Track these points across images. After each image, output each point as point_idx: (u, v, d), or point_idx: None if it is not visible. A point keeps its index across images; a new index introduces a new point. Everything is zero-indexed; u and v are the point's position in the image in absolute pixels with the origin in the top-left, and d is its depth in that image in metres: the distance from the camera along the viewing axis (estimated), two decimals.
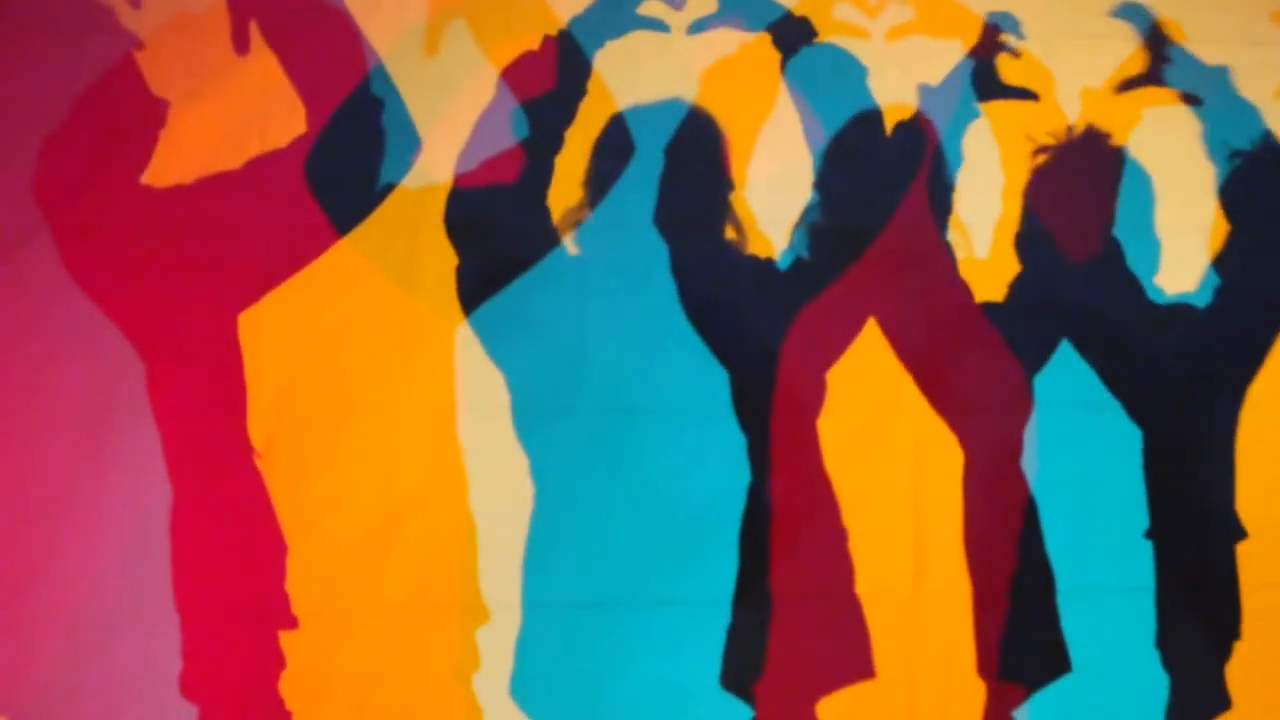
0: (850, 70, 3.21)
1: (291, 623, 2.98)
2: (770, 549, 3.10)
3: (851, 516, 3.15)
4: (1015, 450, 3.19)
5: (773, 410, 3.12)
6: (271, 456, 3.01)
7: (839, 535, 3.13)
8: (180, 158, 3.01)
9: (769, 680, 3.09)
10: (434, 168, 3.09)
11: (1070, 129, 3.26)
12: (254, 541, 2.98)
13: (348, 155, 3.05)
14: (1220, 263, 3.26)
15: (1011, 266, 3.22)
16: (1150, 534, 3.21)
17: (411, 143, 3.08)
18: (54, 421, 2.96)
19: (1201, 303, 3.26)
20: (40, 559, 2.94)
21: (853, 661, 3.12)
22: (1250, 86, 3.29)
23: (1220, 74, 3.29)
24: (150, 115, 3.00)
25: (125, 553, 2.96)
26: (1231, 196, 3.29)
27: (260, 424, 3.00)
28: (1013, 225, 3.23)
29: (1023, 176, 3.24)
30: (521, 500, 3.07)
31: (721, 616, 3.10)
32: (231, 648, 2.97)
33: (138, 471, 2.97)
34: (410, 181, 3.07)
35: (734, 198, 3.16)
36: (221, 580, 2.97)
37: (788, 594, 3.10)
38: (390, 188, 3.06)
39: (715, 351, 3.12)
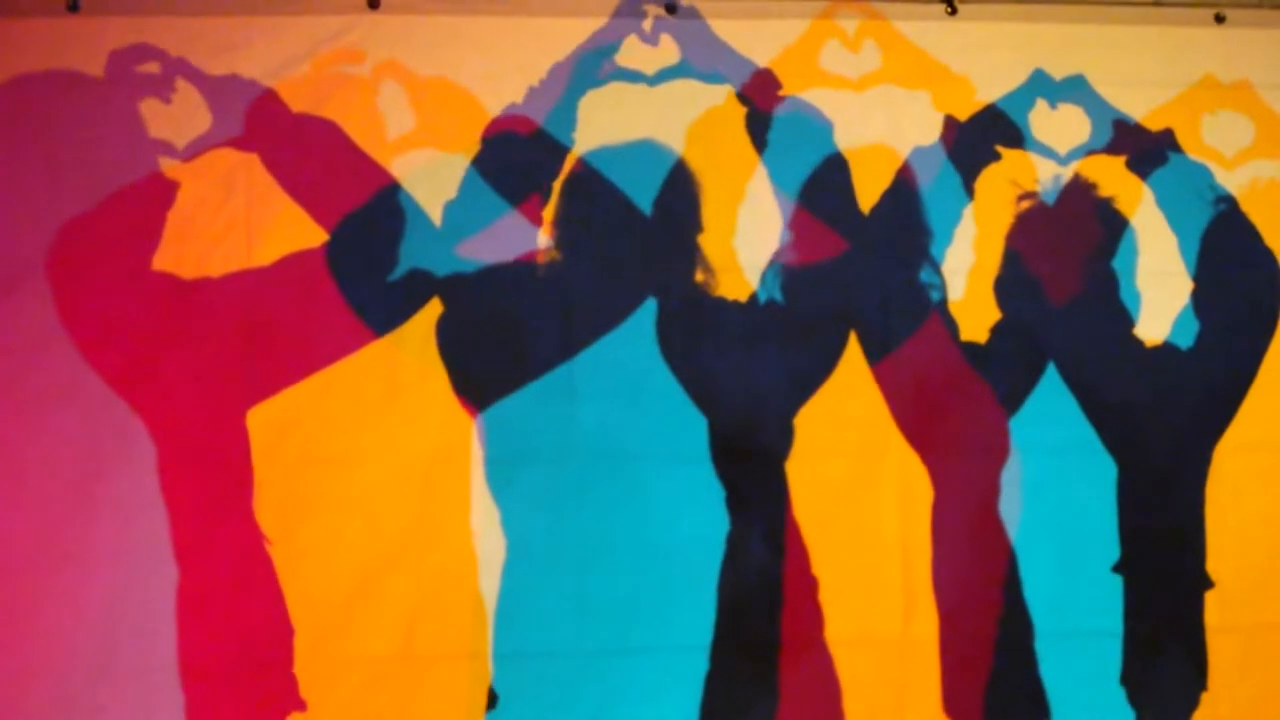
0: (817, 123, 3.23)
1: (299, 705, 2.97)
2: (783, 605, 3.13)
3: (840, 561, 3.15)
4: (991, 493, 3.21)
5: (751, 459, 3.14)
6: (259, 508, 2.99)
7: (809, 583, 3.14)
8: (186, 239, 3.02)
9: None
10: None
11: (1057, 176, 3.30)
12: (263, 624, 2.97)
13: (368, 246, 3.06)
14: (1200, 308, 3.31)
15: (992, 312, 3.25)
16: (1119, 568, 3.25)
17: (428, 229, 3.09)
18: (43, 474, 2.94)
19: (1184, 344, 3.31)
20: (27, 611, 2.92)
21: (823, 711, 3.13)
22: (1196, 146, 3.36)
23: (1166, 136, 3.35)
24: (160, 197, 3.01)
25: (114, 606, 2.94)
26: (1211, 242, 3.33)
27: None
28: (993, 270, 3.26)
29: (1005, 221, 3.27)
30: (494, 551, 3.06)
31: (700, 664, 3.10)
32: None
33: (125, 526, 2.95)
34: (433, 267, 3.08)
35: (703, 240, 3.16)
36: (229, 663, 2.96)
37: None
38: (416, 275, 3.07)
39: (692, 397, 3.13)
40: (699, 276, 3.16)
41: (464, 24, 3.12)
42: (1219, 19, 3.36)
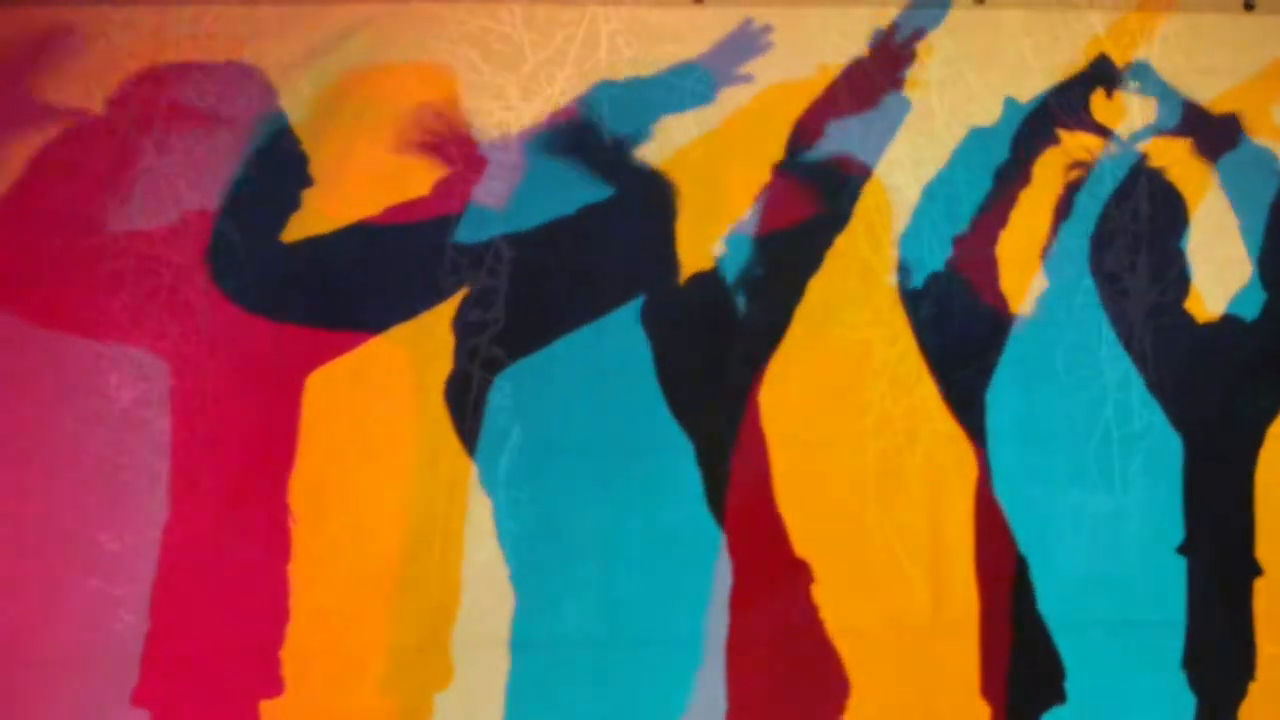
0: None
1: (277, 689, 3.00)
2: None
3: (869, 549, 3.17)
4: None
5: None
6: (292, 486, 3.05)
7: (804, 579, 3.15)
8: None
9: None
10: None
11: (1119, 156, 3.26)
12: (261, 602, 3.00)
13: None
14: (1266, 278, 3.27)
15: (1039, 282, 3.24)
16: (1183, 550, 3.23)
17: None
18: (66, 467, 2.98)
19: (1249, 315, 3.27)
20: (50, 609, 2.96)
21: (829, 706, 3.15)
22: (1266, 129, 3.29)
23: (1233, 120, 3.28)
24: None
25: (142, 603, 2.98)
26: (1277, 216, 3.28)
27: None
28: (1040, 249, 3.24)
29: (1054, 192, 3.25)
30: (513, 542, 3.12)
31: (695, 658, 3.14)
32: (209, 701, 3.00)
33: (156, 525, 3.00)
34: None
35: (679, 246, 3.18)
36: (214, 631, 2.99)
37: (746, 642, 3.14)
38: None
39: (676, 416, 3.16)
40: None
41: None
42: (1248, 6, 3.28)
